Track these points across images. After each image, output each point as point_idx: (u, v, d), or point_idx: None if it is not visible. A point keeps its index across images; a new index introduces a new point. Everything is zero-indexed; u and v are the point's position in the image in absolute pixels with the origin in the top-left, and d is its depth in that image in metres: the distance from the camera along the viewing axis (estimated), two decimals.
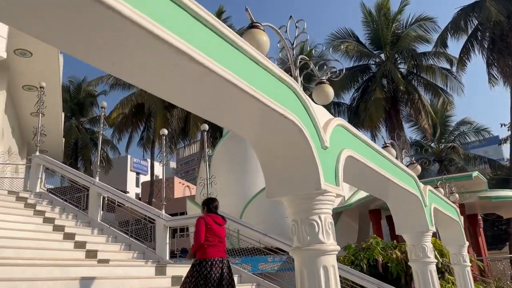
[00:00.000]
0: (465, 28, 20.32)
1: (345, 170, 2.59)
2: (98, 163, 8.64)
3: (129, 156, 37.47)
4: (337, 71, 3.71)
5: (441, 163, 31.44)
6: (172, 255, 8.46)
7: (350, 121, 23.82)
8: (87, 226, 8.01)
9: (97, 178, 8.58)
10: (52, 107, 14.70)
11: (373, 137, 23.31)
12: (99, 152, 8.76)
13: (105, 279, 5.17)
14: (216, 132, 23.34)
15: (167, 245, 7.82)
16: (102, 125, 8.97)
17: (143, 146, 28.11)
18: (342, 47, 22.05)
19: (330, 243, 2.21)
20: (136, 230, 8.40)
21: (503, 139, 33.43)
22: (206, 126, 8.82)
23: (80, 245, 6.75)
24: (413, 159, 6.72)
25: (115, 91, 26.88)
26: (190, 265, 4.82)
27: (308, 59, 3.82)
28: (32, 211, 7.63)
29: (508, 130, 33.07)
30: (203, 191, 8.09)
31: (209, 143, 26.66)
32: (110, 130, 27.48)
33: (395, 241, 7.69)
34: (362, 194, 16.11)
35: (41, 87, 9.34)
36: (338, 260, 7.47)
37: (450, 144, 30.42)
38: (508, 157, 33.98)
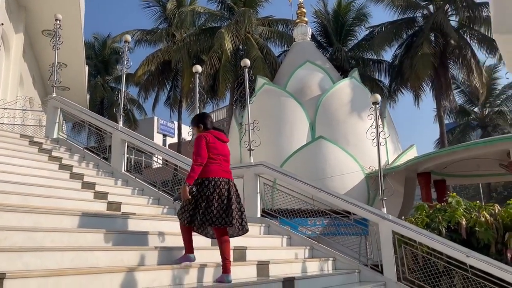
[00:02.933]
0: None
1: None
2: (122, 106, 7.47)
3: (155, 118, 36.54)
4: None
5: (484, 129, 29.31)
6: None
7: (392, 81, 21.94)
8: (109, 176, 6.93)
9: (121, 123, 7.43)
10: (74, 55, 13.67)
11: (417, 99, 21.47)
12: (123, 93, 7.57)
13: (129, 234, 4.03)
14: (243, 91, 21.95)
15: None
16: (126, 62, 7.73)
17: (170, 106, 27.05)
18: None
19: None
20: (164, 192, 7.25)
21: None
22: (248, 62, 7.45)
23: (101, 196, 5.66)
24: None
25: (141, 47, 25.65)
26: None
27: None
28: (47, 156, 6.56)
29: None
30: (245, 138, 6.84)
31: (238, 104, 25.36)
32: (136, 89, 26.49)
33: (478, 201, 6.31)
34: (408, 156, 14.66)
35: (57, 20, 8.12)
36: (409, 221, 6.16)
37: (497, 108, 28.12)
38: None
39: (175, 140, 33.75)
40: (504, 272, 4.93)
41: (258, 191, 6.41)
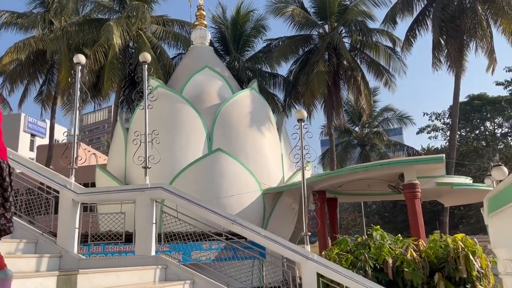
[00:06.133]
0: (414, 6, 19.43)
1: None
2: None
3: (22, 114, 31.72)
4: None
5: (363, 148, 31.36)
6: (83, 241, 5.70)
7: (286, 96, 21.92)
8: None
9: None
10: None
11: (309, 115, 21.74)
12: None
13: None
14: (131, 91, 19.90)
15: (77, 230, 5.05)
16: None
17: (41, 103, 23.53)
18: (288, 9, 19.87)
19: None
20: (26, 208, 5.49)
21: (422, 128, 34.66)
22: (148, 56, 6.03)
23: None
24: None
25: (9, 31, 21.85)
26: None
27: None
28: None
29: (429, 120, 34.34)
30: (139, 153, 5.38)
31: (124, 105, 23.02)
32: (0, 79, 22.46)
33: (399, 235, 5.81)
34: (306, 174, 14.40)
35: None
36: (331, 258, 5.35)
37: (376, 129, 30.29)
38: (425, 146, 35.32)
39: (46, 141, 29.63)
40: None
41: (154, 221, 5.02)
